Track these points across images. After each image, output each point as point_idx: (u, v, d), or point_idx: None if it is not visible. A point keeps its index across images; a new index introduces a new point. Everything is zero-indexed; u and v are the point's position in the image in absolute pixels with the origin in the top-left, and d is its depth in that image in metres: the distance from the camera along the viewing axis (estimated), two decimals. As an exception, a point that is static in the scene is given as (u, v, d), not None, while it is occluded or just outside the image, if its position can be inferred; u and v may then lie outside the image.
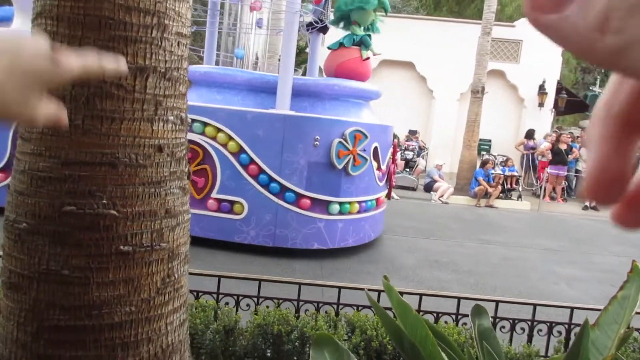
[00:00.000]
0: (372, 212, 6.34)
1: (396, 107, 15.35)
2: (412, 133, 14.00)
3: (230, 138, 5.53)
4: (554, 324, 3.05)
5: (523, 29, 14.97)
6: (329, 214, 5.73)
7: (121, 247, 1.48)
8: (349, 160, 5.69)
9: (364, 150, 5.82)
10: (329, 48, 6.63)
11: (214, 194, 5.59)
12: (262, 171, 5.53)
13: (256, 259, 5.47)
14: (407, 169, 13.02)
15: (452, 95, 15.17)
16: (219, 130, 5.51)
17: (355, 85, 6.22)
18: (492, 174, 11.77)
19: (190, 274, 2.73)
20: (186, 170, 1.69)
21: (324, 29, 7.04)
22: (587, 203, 12.27)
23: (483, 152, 14.16)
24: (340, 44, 6.31)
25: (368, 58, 6.32)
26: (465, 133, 12.26)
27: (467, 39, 13.79)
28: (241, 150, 5.53)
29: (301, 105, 5.93)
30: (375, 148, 6.14)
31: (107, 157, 1.45)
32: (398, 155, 13.32)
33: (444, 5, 23.56)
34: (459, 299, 3.05)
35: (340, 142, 5.60)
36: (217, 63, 7.26)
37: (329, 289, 3.50)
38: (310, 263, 5.57)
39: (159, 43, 1.50)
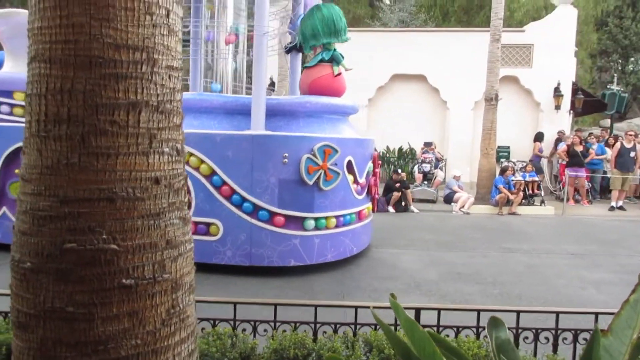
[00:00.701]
0: (353, 226, 6.32)
1: (410, 120, 15.34)
2: (428, 145, 13.92)
3: (202, 161, 5.62)
4: (579, 331, 2.97)
5: (533, 33, 14.90)
6: (305, 229, 5.76)
7: (123, 280, 1.50)
8: (319, 176, 5.73)
9: (336, 164, 5.85)
10: (305, 67, 6.77)
11: None
12: (234, 192, 5.61)
13: (275, 280, 5.46)
14: (426, 182, 12.91)
15: (466, 104, 15.09)
16: (190, 154, 5.61)
17: (327, 101, 6.32)
18: (513, 180, 11.61)
19: (205, 302, 2.74)
20: (186, 200, 1.71)
21: (301, 49, 7.18)
22: (613, 204, 11.99)
23: (502, 160, 13.99)
24: (321, 60, 6.42)
25: (340, 74, 6.45)
26: (482, 141, 12.15)
27: (478, 47, 13.74)
28: (213, 172, 5.61)
29: (277, 125, 6.03)
30: (349, 162, 6.17)
31: (105, 192, 1.48)
32: (416, 169, 13.25)
33: (452, 15, 23.55)
34: (479, 311, 2.99)
35: (309, 157, 5.66)
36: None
37: (351, 308, 3.46)
38: (330, 282, 5.54)
39: (150, 77, 1.53)
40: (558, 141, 14.12)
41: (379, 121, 15.48)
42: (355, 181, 6.35)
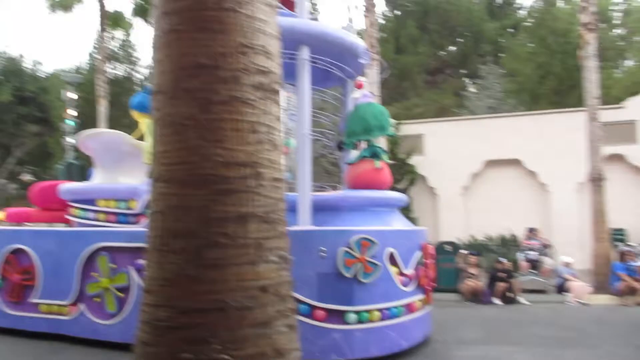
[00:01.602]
0: (401, 319, 5.97)
1: (508, 206, 14.79)
2: (531, 231, 13.18)
3: None
4: None
5: (634, 108, 14.21)
6: (346, 323, 5.56)
7: (234, 391, 1.50)
8: (358, 268, 5.62)
9: (374, 256, 5.70)
10: (347, 163, 7.00)
11: None
12: None
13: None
14: (534, 270, 12.09)
15: (569, 186, 14.35)
16: None
17: (369, 195, 6.42)
18: (635, 266, 10.54)
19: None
20: (292, 307, 1.73)
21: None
22: None
23: (617, 243, 12.87)
24: (363, 157, 6.67)
25: (382, 168, 6.61)
26: (593, 225, 11.33)
27: (574, 127, 13.27)
28: None
29: (324, 220, 6.15)
30: (391, 253, 5.98)
31: (217, 302, 1.54)
32: (522, 256, 12.52)
33: (541, 98, 23.16)
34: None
35: (346, 251, 5.59)
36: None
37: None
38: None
39: (257, 190, 1.62)
40: None
41: (476, 209, 15.06)
42: (401, 273, 6.18)
